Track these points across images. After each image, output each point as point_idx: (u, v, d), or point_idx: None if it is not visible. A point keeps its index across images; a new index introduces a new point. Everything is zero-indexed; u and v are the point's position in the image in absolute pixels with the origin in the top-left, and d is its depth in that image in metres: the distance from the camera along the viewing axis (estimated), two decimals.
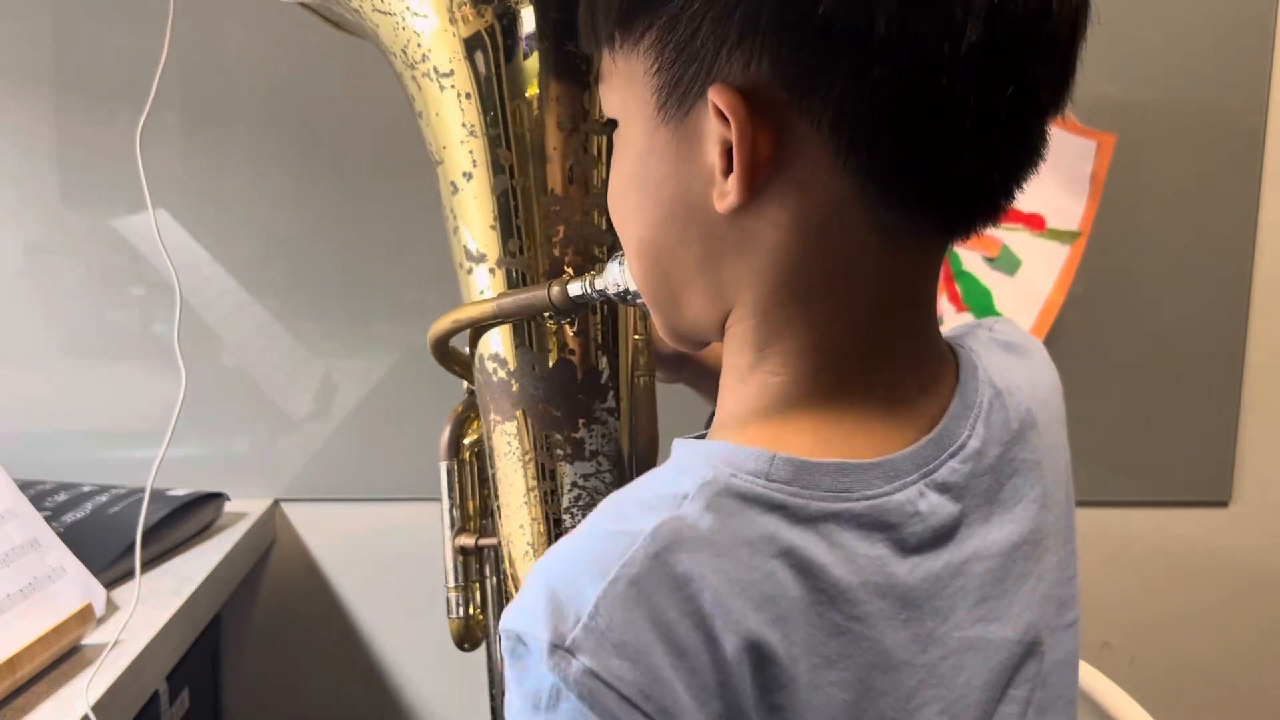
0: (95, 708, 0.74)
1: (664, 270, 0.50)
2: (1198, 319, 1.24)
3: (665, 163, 0.47)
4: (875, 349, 0.47)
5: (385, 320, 1.19)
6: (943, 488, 0.46)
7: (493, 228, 0.67)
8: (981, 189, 0.45)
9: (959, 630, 0.45)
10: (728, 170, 0.44)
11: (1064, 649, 0.52)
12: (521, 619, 0.41)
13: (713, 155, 0.44)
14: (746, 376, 0.48)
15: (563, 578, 0.42)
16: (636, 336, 0.71)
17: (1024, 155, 0.44)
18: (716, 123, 0.43)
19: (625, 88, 0.48)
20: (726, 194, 0.44)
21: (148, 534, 1.00)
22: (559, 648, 0.39)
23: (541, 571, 0.43)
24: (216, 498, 1.12)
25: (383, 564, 1.23)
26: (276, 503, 1.22)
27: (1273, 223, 1.22)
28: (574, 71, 0.65)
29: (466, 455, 0.78)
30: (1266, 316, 1.24)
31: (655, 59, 0.45)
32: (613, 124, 0.52)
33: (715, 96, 0.42)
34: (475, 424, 0.78)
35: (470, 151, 0.66)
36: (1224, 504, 1.29)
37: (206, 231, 1.15)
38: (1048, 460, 0.52)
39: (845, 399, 0.46)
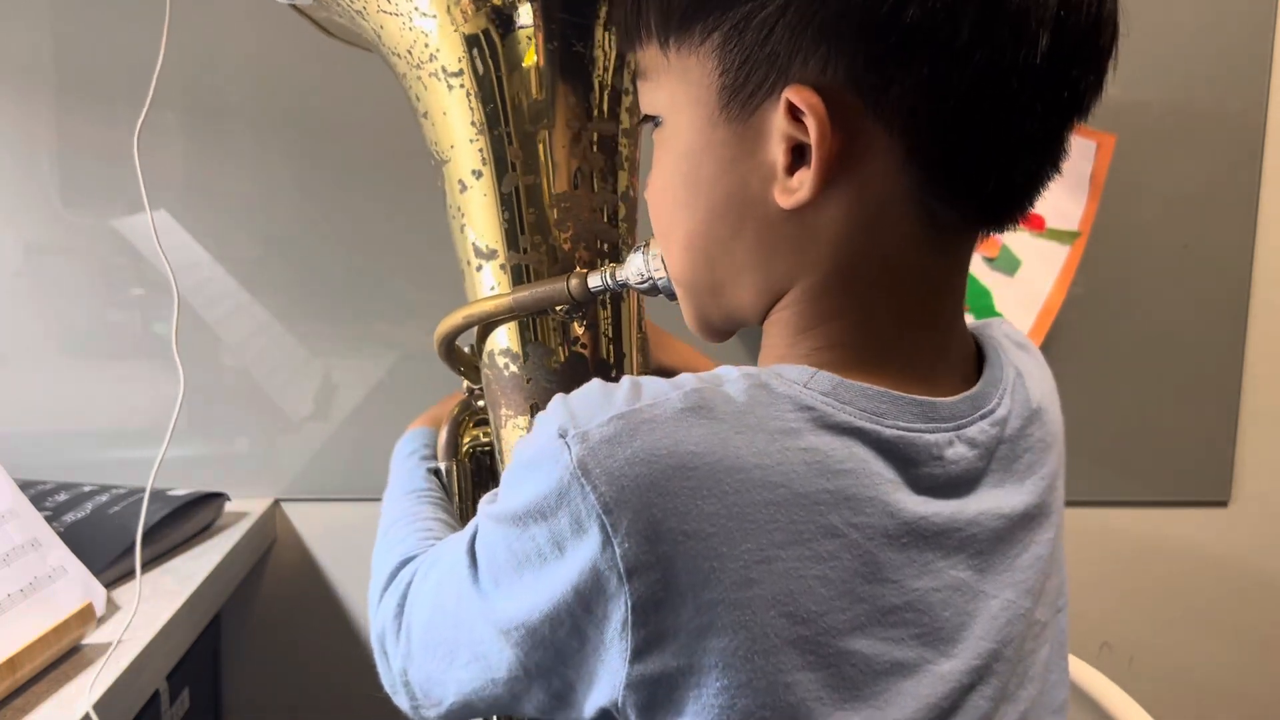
0: (95, 707, 0.74)
1: (712, 263, 0.51)
2: (1198, 319, 1.24)
3: (722, 159, 0.48)
4: (911, 331, 0.49)
5: (385, 320, 1.19)
6: (971, 443, 0.48)
7: (502, 225, 0.67)
8: (1028, 186, 0.47)
9: (954, 570, 0.47)
10: (790, 168, 0.46)
11: (1059, 627, 0.54)
12: (539, 420, 0.45)
13: (776, 153, 0.46)
14: (786, 355, 0.50)
15: (584, 398, 0.45)
16: (638, 335, 0.72)
17: (1060, 155, 0.47)
18: (785, 122, 0.45)
19: (677, 86, 0.49)
20: (793, 190, 0.46)
21: (148, 534, 1.00)
22: (563, 436, 0.43)
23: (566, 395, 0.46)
24: (217, 498, 1.12)
25: None
26: (276, 502, 1.22)
27: (1273, 223, 1.22)
28: (582, 71, 0.66)
29: (464, 456, 0.78)
30: (1266, 316, 1.24)
31: (719, 61, 0.46)
32: (649, 119, 0.53)
33: (794, 97, 0.44)
34: (469, 426, 0.79)
35: (480, 150, 0.66)
36: (1224, 504, 1.29)
37: (206, 231, 1.15)
38: (1055, 447, 0.54)
39: (879, 363, 0.48)
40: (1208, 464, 1.28)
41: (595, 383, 0.46)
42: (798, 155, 0.46)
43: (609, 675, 0.44)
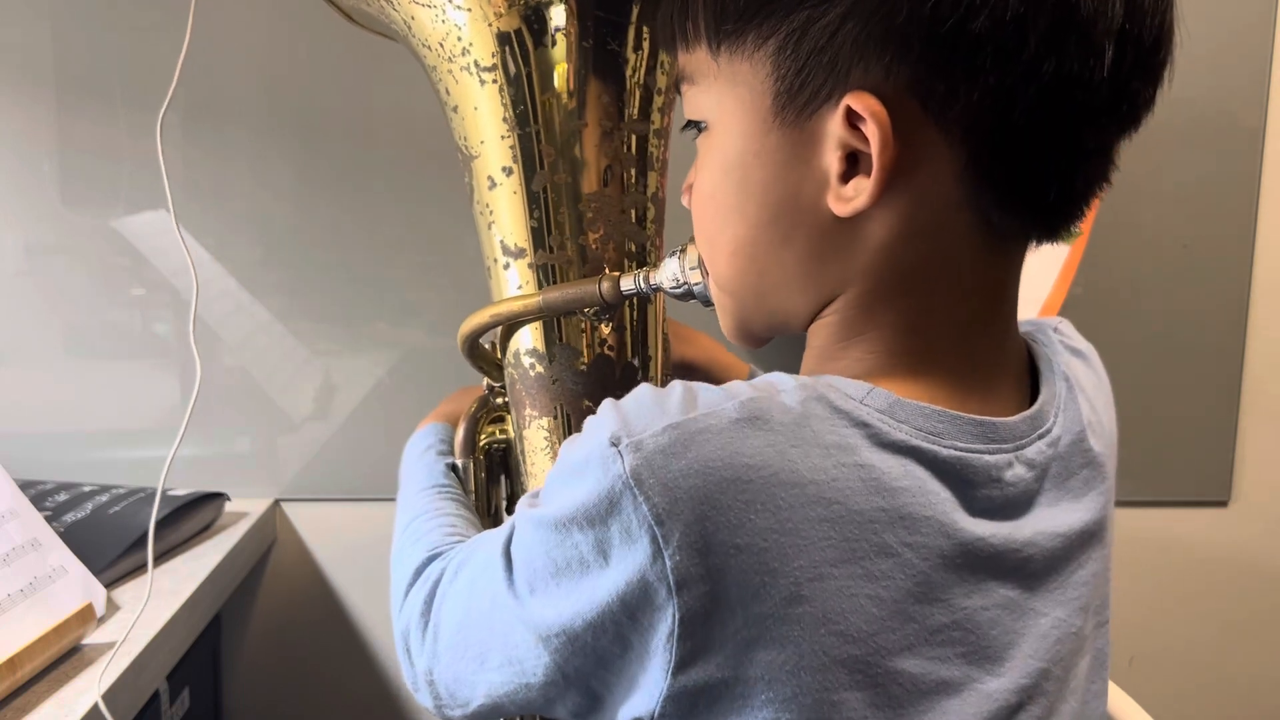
0: (95, 708, 0.74)
1: (760, 269, 0.50)
2: (1198, 319, 1.24)
3: (773, 165, 0.47)
4: (962, 336, 0.48)
5: (385, 320, 1.19)
6: (1030, 464, 0.47)
7: (531, 223, 0.67)
8: (1085, 195, 0.47)
9: (1003, 589, 0.46)
10: (845, 175, 0.45)
11: (1103, 638, 0.54)
12: (588, 425, 0.44)
13: (831, 160, 0.45)
14: (834, 361, 0.49)
15: (636, 404, 0.44)
16: (662, 338, 0.72)
17: (1110, 168, 0.47)
18: (842, 129, 0.44)
19: (726, 91, 0.48)
20: (849, 199, 0.45)
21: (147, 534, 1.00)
22: (615, 444, 0.41)
23: (617, 401, 0.45)
24: (217, 497, 1.12)
25: (383, 564, 1.21)
26: (277, 503, 1.22)
27: (1273, 223, 1.22)
28: (615, 70, 0.66)
29: (479, 453, 0.78)
30: (1266, 316, 1.24)
31: (774, 67, 0.46)
32: (693, 124, 0.52)
33: (856, 104, 0.43)
34: (485, 423, 0.79)
35: (511, 147, 0.66)
36: (1224, 504, 1.29)
37: (206, 231, 1.15)
38: (1110, 461, 0.54)
39: (934, 371, 0.47)
40: (1208, 464, 1.27)
41: (646, 388, 0.45)
42: (851, 162, 0.45)
43: (649, 684, 0.43)
